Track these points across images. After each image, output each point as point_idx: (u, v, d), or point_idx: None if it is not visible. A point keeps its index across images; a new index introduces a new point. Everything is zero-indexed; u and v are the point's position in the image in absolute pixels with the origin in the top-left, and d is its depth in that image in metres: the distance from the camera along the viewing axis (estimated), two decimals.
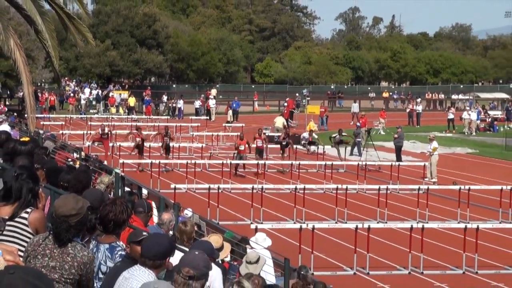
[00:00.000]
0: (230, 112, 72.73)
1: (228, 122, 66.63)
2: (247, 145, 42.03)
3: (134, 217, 11.29)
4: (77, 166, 18.14)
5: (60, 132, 52.15)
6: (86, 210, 7.59)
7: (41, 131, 42.12)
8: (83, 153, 29.79)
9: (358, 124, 52.81)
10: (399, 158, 45.68)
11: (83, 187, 10.99)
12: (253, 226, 24.12)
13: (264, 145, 44.84)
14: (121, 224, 8.58)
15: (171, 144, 44.31)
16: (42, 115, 64.41)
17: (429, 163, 41.45)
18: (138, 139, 43.39)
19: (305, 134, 50.29)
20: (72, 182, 11.32)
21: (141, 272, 6.96)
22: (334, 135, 49.57)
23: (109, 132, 46.78)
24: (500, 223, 30.60)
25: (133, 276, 6.95)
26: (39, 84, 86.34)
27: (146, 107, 78.51)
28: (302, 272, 14.65)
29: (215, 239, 12.37)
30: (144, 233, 8.12)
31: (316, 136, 47.04)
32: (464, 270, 24.81)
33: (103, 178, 16.24)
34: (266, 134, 56.38)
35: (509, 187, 33.01)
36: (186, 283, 6.41)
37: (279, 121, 59.37)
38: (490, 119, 74.27)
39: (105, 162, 33.51)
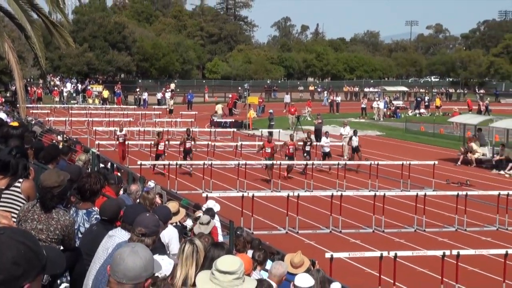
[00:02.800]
0: (172, 102, 71.75)
1: (170, 111, 66.03)
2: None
3: (107, 188, 11.24)
4: (60, 146, 17.94)
5: (46, 119, 51.96)
6: (66, 182, 7.68)
7: (30, 118, 41.81)
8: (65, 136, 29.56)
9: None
10: (319, 139, 46.06)
11: (51, 158, 11.18)
12: (204, 195, 24.13)
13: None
14: (96, 193, 8.59)
15: (190, 144, 35.56)
16: (31, 105, 64.02)
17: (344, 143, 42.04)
18: (161, 144, 34.82)
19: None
20: (43, 154, 11.48)
21: (122, 233, 6.99)
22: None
23: (126, 135, 38.22)
24: (401, 191, 30.87)
25: (116, 235, 6.96)
26: (28, 79, 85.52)
27: (117, 98, 78.26)
28: (237, 232, 14.64)
29: (172, 205, 12.33)
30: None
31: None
32: (374, 229, 25.03)
33: (80, 156, 16.18)
34: (215, 120, 56.42)
35: (408, 162, 33.44)
36: (140, 240, 6.43)
37: (219, 107, 60.84)
38: (394, 108, 74.97)
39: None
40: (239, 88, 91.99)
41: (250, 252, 12.19)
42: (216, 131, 49.73)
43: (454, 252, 18.52)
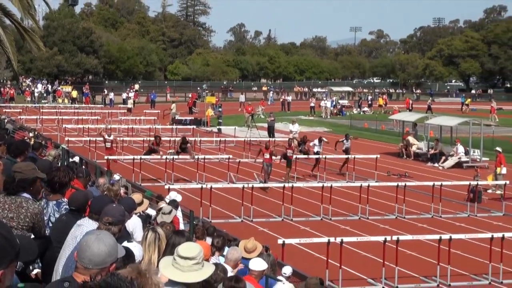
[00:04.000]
0: (130, 101, 71.89)
1: (129, 109, 65.92)
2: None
3: (75, 181, 11.13)
4: (31, 143, 17.76)
5: (18, 117, 51.43)
6: (32, 174, 7.67)
7: (3, 117, 41.30)
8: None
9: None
10: (271, 135, 46.28)
11: (20, 152, 11.14)
12: (166, 187, 24.07)
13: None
14: (65, 185, 8.50)
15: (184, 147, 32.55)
16: (4, 104, 63.38)
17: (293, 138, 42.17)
18: (156, 147, 32.47)
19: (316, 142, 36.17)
20: (12, 148, 11.41)
21: (89, 222, 6.93)
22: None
23: (112, 141, 34.55)
24: (346, 182, 31.06)
25: (84, 224, 6.90)
26: (1, 81, 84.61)
27: (85, 98, 77.60)
28: (194, 222, 14.63)
29: (137, 196, 12.27)
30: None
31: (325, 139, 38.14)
32: (322, 217, 25.15)
33: (51, 152, 16.04)
34: (176, 118, 56.20)
35: (353, 156, 33.68)
36: (107, 228, 6.39)
37: (174, 106, 60.31)
38: (340, 106, 75.35)
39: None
40: (198, 88, 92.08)
41: (209, 239, 12.19)
42: (177, 128, 49.63)
43: (394, 237, 18.69)
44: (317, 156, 34.34)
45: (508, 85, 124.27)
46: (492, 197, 29.38)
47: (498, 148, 32.16)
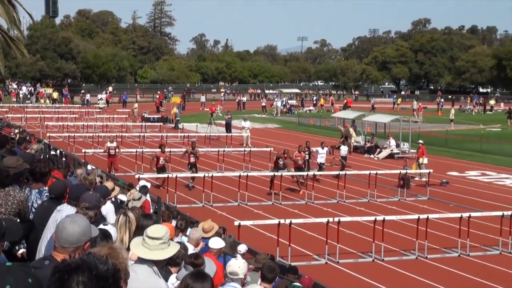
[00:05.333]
0: (103, 101, 72.72)
1: (101, 108, 65.73)
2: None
3: (55, 171, 10.99)
4: (16, 138, 17.50)
5: (5, 116, 50.82)
6: (23, 168, 7.58)
7: None
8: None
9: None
10: (229, 131, 46.25)
11: (1, 145, 11.04)
12: (136, 176, 23.97)
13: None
14: (45, 175, 8.40)
15: (194, 159, 28.05)
16: None
17: (246, 135, 42.19)
18: (162, 158, 27.35)
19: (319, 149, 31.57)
20: None
21: (68, 207, 6.87)
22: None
23: (117, 148, 29.78)
24: (294, 171, 31.09)
25: (63, 209, 6.84)
26: None
27: (65, 99, 76.65)
28: (161, 207, 14.57)
29: (110, 184, 12.17)
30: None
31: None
32: (273, 202, 25.24)
33: (33, 146, 15.87)
34: (145, 116, 55.82)
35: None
36: (84, 213, 6.34)
37: (136, 105, 61.35)
38: (289, 106, 75.59)
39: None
40: (165, 90, 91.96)
41: (174, 222, 12.16)
42: (146, 125, 49.51)
43: (336, 219, 18.85)
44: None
45: (432, 87, 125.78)
46: (418, 183, 29.73)
47: (420, 141, 32.49)
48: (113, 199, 10.59)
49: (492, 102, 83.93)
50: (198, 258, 7.85)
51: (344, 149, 33.54)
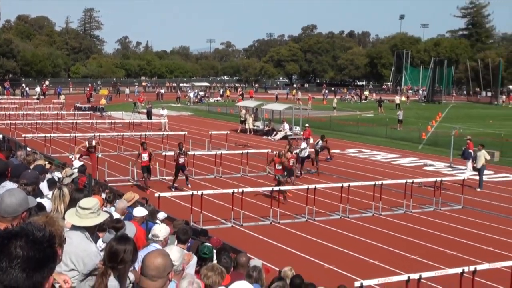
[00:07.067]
0: (39, 92, 71.30)
1: (37, 98, 64.20)
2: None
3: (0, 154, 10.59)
4: None
5: None
6: None
7: None
8: None
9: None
10: (149, 118, 45.66)
11: None
12: (70, 156, 23.29)
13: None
14: None
15: (183, 160, 22.92)
16: None
17: (164, 121, 41.83)
18: (144, 154, 22.50)
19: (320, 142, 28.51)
20: None
21: (10, 184, 6.70)
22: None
23: (96, 145, 24.99)
24: (206, 151, 30.89)
25: (6, 185, 6.63)
26: None
27: (6, 91, 74.05)
28: (93, 183, 14.25)
29: (42, 162, 11.80)
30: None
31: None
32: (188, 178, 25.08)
33: None
34: (77, 105, 54.28)
35: (210, 132, 33.78)
36: (23, 188, 6.19)
37: (62, 97, 59.53)
38: (200, 97, 75.45)
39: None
40: (94, 84, 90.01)
41: (104, 195, 11.95)
42: (78, 113, 48.33)
43: (240, 190, 18.94)
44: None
45: (318, 81, 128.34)
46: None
47: (306, 125, 33.64)
48: (49, 175, 10.28)
49: (366, 93, 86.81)
50: (119, 222, 7.82)
51: (319, 144, 28.52)
